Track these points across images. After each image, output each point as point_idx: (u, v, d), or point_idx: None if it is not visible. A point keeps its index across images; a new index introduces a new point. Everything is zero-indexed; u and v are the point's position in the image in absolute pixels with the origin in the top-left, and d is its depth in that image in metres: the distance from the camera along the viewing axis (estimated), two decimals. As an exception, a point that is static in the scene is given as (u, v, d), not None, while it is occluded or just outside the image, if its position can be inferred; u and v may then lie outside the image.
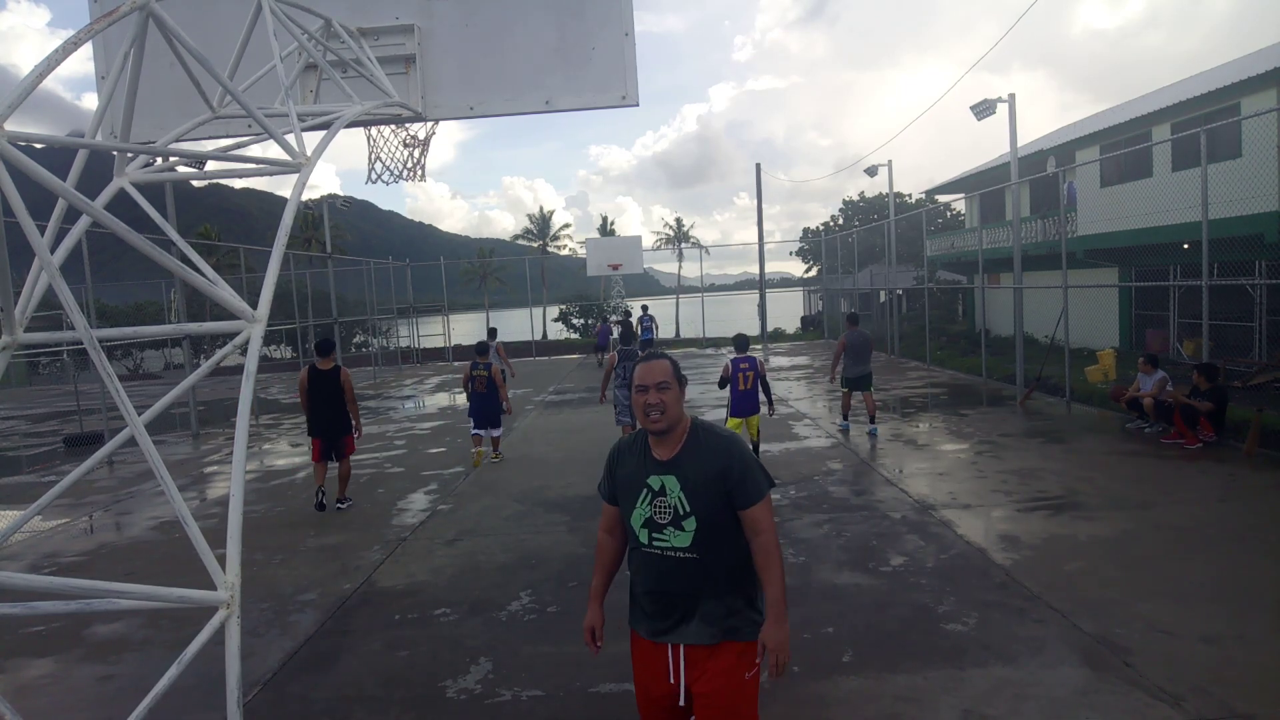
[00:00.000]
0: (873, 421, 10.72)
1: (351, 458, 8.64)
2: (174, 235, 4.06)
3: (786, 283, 76.02)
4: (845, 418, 11.18)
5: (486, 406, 10.03)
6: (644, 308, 24.99)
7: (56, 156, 3.06)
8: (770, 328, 30.68)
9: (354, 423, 8.39)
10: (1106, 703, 3.81)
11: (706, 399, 14.95)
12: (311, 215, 45.01)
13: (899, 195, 47.31)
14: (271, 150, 3.88)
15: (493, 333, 16.50)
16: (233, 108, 4.27)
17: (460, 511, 8.07)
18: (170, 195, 12.64)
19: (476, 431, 10.15)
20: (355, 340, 37.38)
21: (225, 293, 3.11)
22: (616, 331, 17.79)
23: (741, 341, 9.21)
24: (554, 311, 41.49)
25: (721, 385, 9.00)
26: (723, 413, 13.13)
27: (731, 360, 8.85)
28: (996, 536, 6.32)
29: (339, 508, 8.30)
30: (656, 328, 24.87)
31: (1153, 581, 5.24)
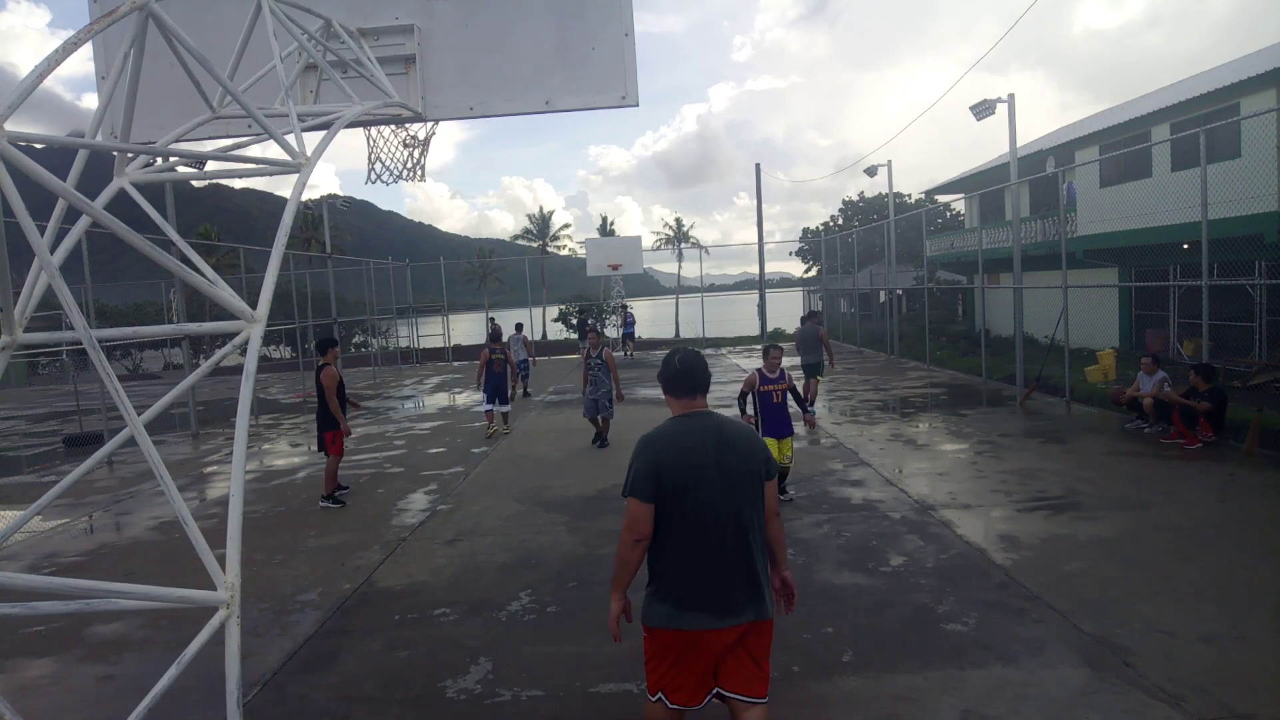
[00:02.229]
0: (810, 404, 12.08)
1: (348, 456, 9.07)
2: (174, 235, 4.06)
3: (786, 283, 75.97)
4: (810, 403, 12.31)
5: (503, 384, 12.18)
6: (625, 306, 25.97)
7: (56, 156, 3.06)
8: (770, 328, 30.68)
9: (338, 421, 8.36)
10: (1106, 703, 3.81)
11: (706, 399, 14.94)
12: (311, 215, 45.04)
13: (899, 195, 47.32)
14: (271, 150, 3.88)
15: (519, 326, 18.88)
16: (233, 108, 4.27)
17: (460, 511, 8.06)
18: (170, 195, 12.64)
19: (490, 408, 12.30)
20: (355, 340, 37.39)
21: (225, 293, 3.11)
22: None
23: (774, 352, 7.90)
24: (554, 311, 41.51)
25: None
26: (723, 413, 13.16)
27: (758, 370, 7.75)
28: (996, 536, 6.32)
29: (320, 505, 8.53)
30: (634, 324, 26.07)
31: (1153, 581, 5.24)
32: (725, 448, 2.92)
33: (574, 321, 41.94)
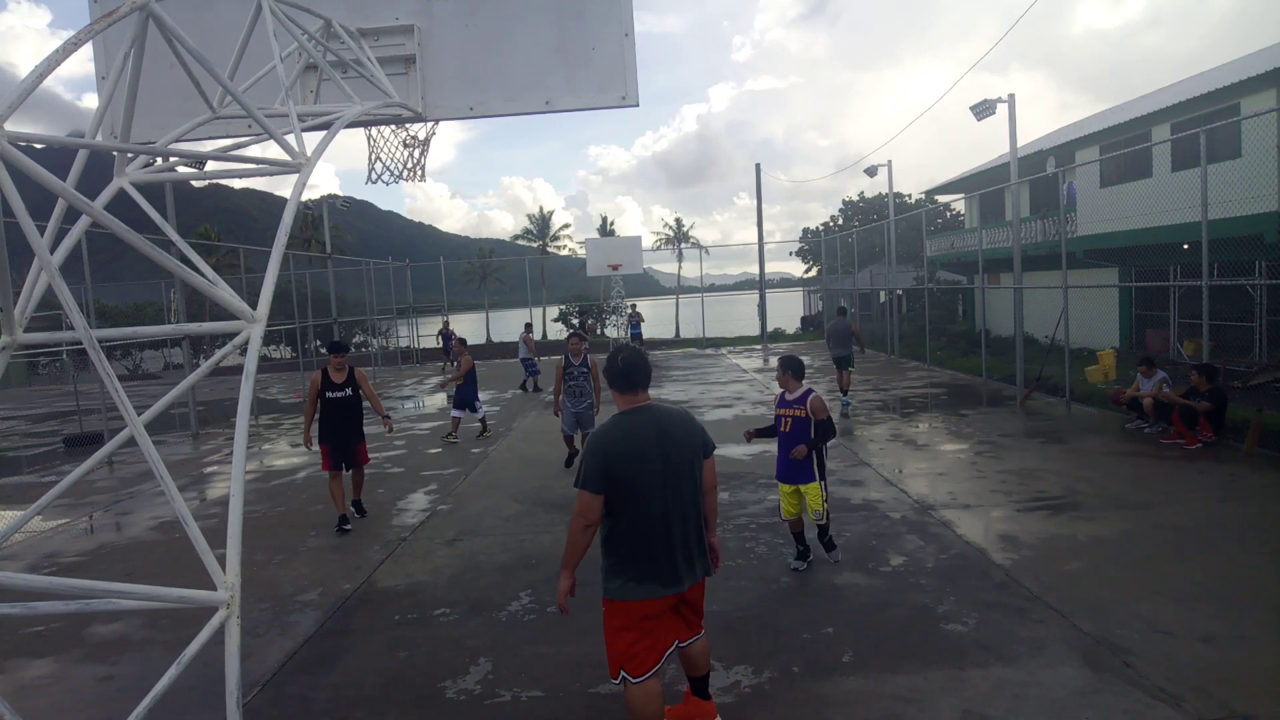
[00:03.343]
0: (844, 394, 13.02)
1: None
2: (174, 235, 4.06)
3: (786, 283, 75.95)
4: (844, 392, 13.11)
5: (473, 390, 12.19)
6: (632, 306, 25.53)
7: (56, 156, 3.06)
8: (770, 328, 30.69)
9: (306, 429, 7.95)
10: (1106, 703, 3.81)
11: (706, 399, 14.96)
12: (311, 215, 45.04)
13: (899, 195, 47.32)
14: (271, 150, 3.89)
15: (528, 325, 19.15)
16: (233, 108, 4.28)
17: (460, 511, 8.06)
18: (170, 195, 12.65)
19: (459, 414, 12.21)
20: (355, 340, 37.41)
21: (225, 293, 3.11)
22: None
23: (800, 363, 5.90)
24: (554, 312, 41.52)
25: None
26: (723, 413, 13.22)
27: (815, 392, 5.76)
28: (996, 537, 6.32)
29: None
30: (642, 325, 25.49)
31: (1153, 581, 5.23)
32: (666, 439, 3.34)
33: (574, 322, 41.91)
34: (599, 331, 30.06)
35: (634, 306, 25.30)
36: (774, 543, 6.46)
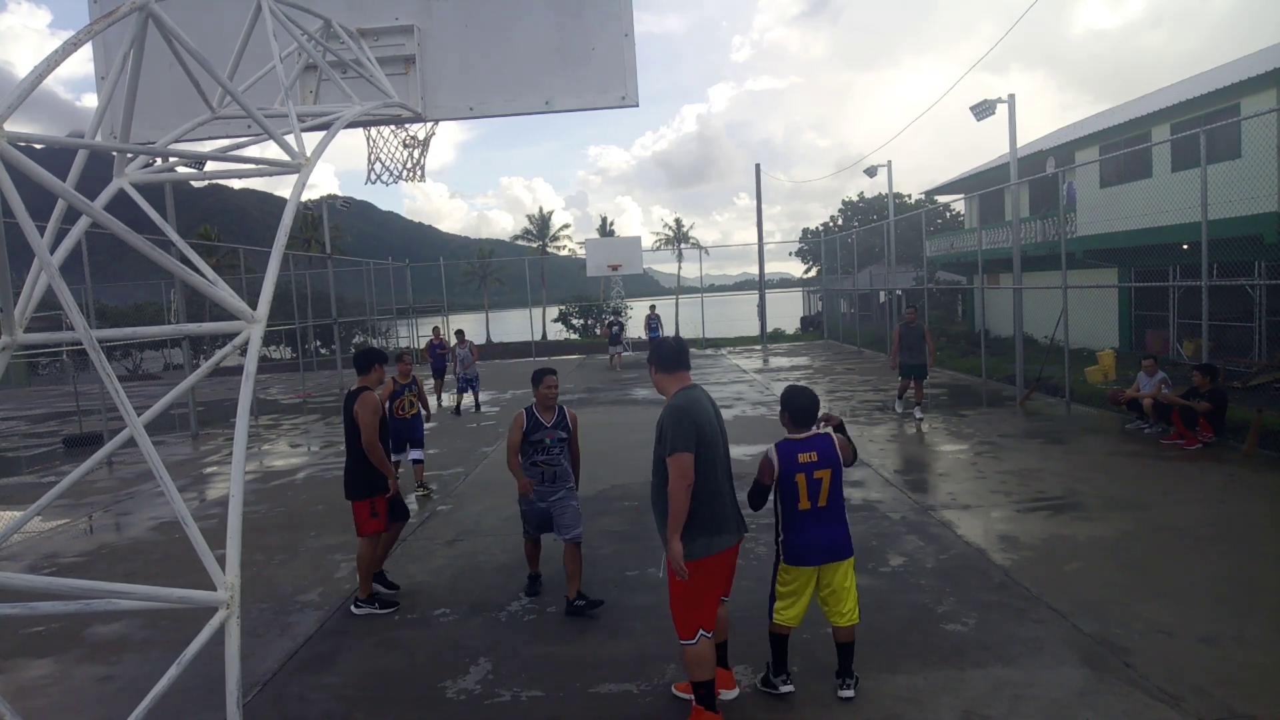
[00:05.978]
0: (915, 406, 11.76)
1: (367, 538, 5.54)
2: (174, 236, 4.06)
3: (786, 283, 75.94)
4: (917, 405, 11.90)
5: (415, 428, 8.84)
6: (652, 307, 24.85)
7: (56, 157, 3.06)
8: (770, 328, 30.69)
9: (380, 478, 5.48)
10: (1106, 703, 3.81)
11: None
12: (311, 216, 45.01)
13: (898, 196, 47.31)
14: (271, 150, 3.88)
15: (460, 334, 15.85)
16: (232, 108, 4.27)
17: (460, 512, 8.06)
18: (170, 195, 12.62)
19: (399, 458, 8.20)
20: (355, 340, 37.44)
21: (225, 293, 3.11)
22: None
23: (800, 403, 4.11)
24: (554, 312, 41.53)
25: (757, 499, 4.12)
26: (724, 414, 13.04)
27: (780, 447, 4.04)
28: (996, 537, 6.32)
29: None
30: (662, 327, 24.69)
31: (1152, 581, 5.24)
32: (716, 407, 3.95)
33: (576, 322, 41.79)
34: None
35: (653, 308, 24.81)
36: (773, 543, 6.44)
